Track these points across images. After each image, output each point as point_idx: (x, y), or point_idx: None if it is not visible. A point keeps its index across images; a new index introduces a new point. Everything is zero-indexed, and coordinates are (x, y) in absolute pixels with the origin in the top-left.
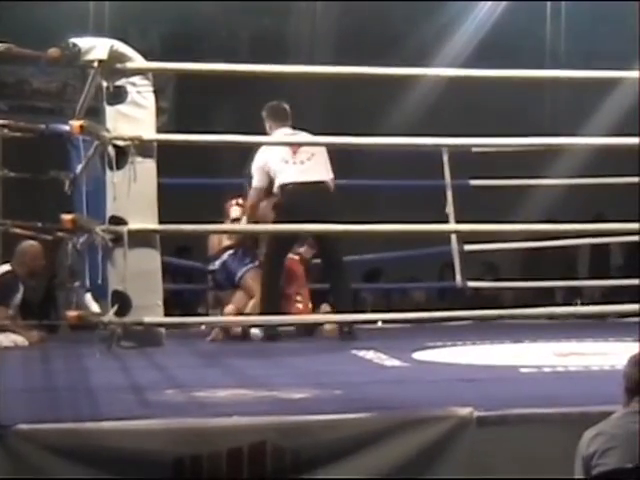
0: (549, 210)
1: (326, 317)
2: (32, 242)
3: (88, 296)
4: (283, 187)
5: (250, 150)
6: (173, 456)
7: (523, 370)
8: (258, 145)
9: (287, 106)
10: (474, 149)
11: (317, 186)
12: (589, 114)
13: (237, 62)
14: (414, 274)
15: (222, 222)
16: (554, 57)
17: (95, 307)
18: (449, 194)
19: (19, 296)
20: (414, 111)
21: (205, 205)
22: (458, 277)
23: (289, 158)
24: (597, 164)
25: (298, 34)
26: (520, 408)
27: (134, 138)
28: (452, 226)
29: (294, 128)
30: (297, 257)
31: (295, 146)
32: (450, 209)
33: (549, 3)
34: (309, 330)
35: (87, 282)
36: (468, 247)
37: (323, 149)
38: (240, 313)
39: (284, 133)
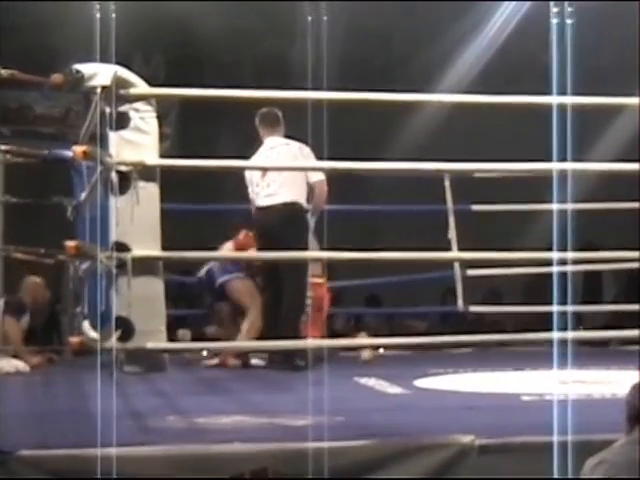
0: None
1: (325, 342)
2: (35, 278)
3: (86, 323)
4: (253, 213)
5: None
6: None
7: (525, 398)
8: (261, 170)
9: (279, 113)
10: (477, 174)
11: (284, 209)
12: (595, 138)
13: (241, 86)
14: (415, 299)
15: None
16: (560, 82)
17: (93, 334)
18: (451, 219)
19: (27, 319)
20: (417, 135)
21: (208, 231)
22: (460, 302)
23: (259, 181)
24: (595, 189)
25: (302, 58)
26: (522, 436)
27: (137, 163)
28: (452, 254)
29: (288, 137)
30: (321, 281)
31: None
32: (452, 234)
33: (554, 27)
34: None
35: (85, 309)
36: (470, 272)
37: (303, 161)
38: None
39: (272, 143)
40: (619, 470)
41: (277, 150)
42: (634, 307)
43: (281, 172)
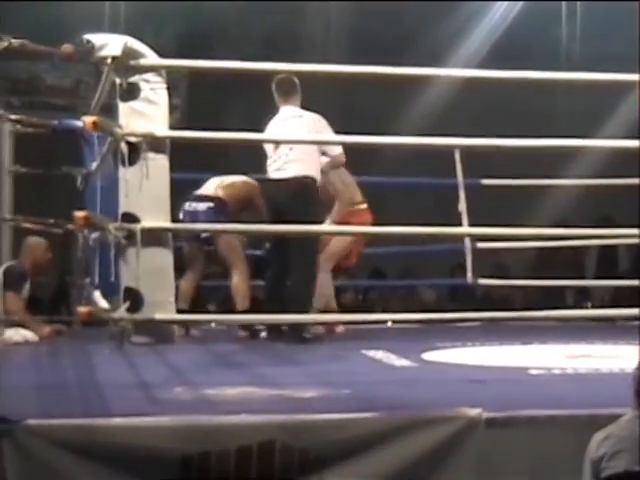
0: (561, 211)
1: (334, 317)
2: (37, 238)
3: (97, 293)
4: (263, 184)
5: (261, 148)
6: (181, 454)
7: (532, 372)
8: (272, 142)
9: (295, 81)
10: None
11: (294, 182)
12: (604, 116)
13: (250, 61)
14: (425, 271)
15: None
16: (569, 59)
17: (104, 304)
18: (461, 193)
19: (27, 287)
20: (428, 111)
21: None
22: (469, 274)
23: (271, 153)
24: (608, 166)
25: (312, 33)
26: (529, 409)
27: (147, 135)
28: (462, 229)
29: (303, 108)
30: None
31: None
32: (463, 207)
33: (564, 4)
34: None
35: (97, 279)
36: (480, 245)
37: (317, 134)
38: None
39: (285, 114)
40: (626, 444)
41: (290, 122)
42: None
43: (293, 145)
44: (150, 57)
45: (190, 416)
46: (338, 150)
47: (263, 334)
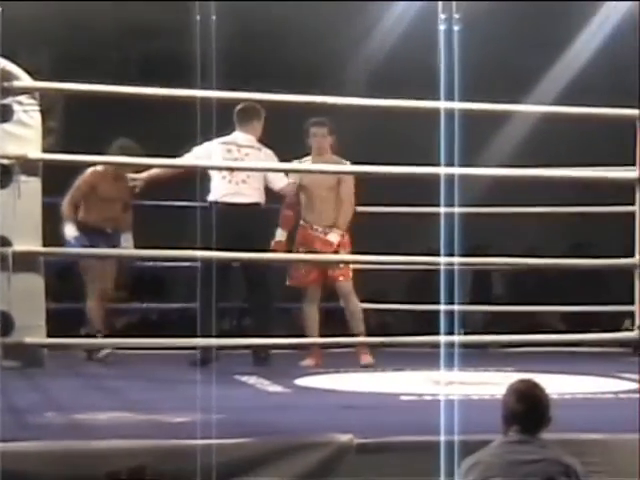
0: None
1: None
2: None
3: None
4: (214, 204)
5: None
6: (51, 479)
7: (404, 398)
8: (149, 167)
9: (250, 108)
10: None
11: (251, 209)
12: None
13: (128, 84)
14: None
15: None
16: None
17: None
18: None
19: None
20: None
21: None
22: None
23: (226, 174)
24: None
25: (193, 57)
26: (400, 435)
27: (19, 157)
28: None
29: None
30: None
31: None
32: None
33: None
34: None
35: None
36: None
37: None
38: None
39: (226, 139)
40: (495, 471)
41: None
42: (517, 308)
43: (249, 175)
44: (23, 79)
45: (60, 441)
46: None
47: None
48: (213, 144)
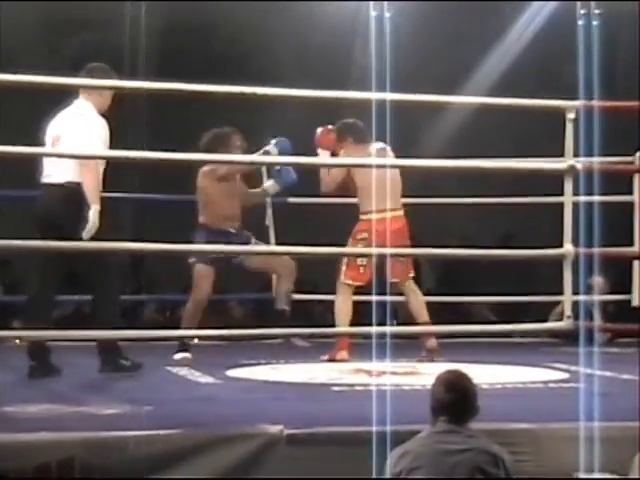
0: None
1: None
2: None
3: None
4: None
5: None
6: None
7: (335, 388)
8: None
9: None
10: None
11: (56, 190)
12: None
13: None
14: (235, 287)
15: None
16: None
17: None
18: (269, 210)
19: None
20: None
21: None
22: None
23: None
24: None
25: (121, 51)
26: (330, 426)
27: None
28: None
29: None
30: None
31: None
32: (270, 222)
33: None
34: None
35: None
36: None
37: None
38: None
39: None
40: (423, 461)
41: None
42: (448, 299)
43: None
44: None
45: None
46: None
47: None
48: None
